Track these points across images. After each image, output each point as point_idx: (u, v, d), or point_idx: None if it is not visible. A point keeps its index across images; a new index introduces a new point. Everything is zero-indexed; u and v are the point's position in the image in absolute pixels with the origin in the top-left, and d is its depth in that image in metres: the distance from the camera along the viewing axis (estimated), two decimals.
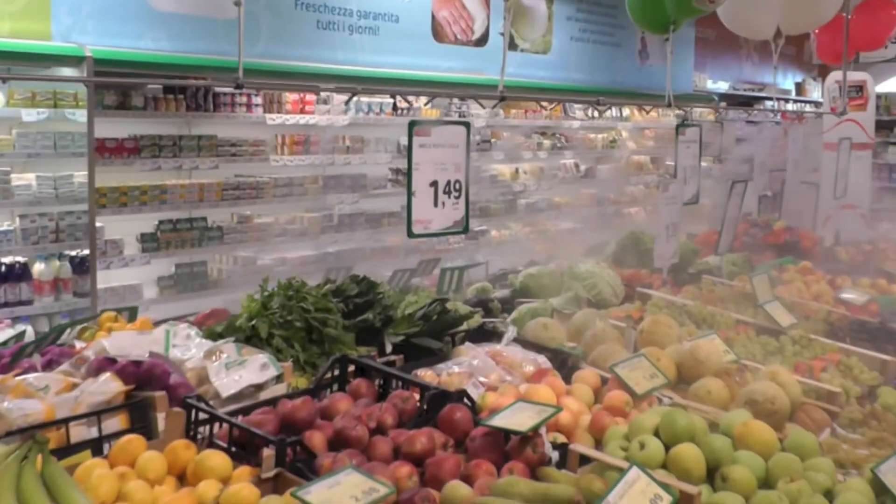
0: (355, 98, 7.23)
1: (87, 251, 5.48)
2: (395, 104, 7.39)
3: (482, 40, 8.27)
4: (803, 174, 6.58)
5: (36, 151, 5.32)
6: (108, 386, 2.21)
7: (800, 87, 15.27)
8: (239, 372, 2.38)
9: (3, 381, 2.28)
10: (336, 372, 2.53)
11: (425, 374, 2.59)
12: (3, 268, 5.20)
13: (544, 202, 9.17)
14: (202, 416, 2.15)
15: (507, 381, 2.59)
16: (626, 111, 10.50)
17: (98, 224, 5.58)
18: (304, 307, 2.68)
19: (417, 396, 2.38)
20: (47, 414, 2.10)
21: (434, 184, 2.79)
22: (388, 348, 2.79)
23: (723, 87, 12.75)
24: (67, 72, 5.28)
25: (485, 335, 3.06)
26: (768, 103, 11.34)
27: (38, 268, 5.41)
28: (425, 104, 7.40)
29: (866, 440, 2.63)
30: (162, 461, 1.99)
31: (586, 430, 2.37)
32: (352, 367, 2.56)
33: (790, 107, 13.72)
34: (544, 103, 7.64)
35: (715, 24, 12.31)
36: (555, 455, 2.17)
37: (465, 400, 2.38)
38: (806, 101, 14.71)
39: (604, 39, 9.84)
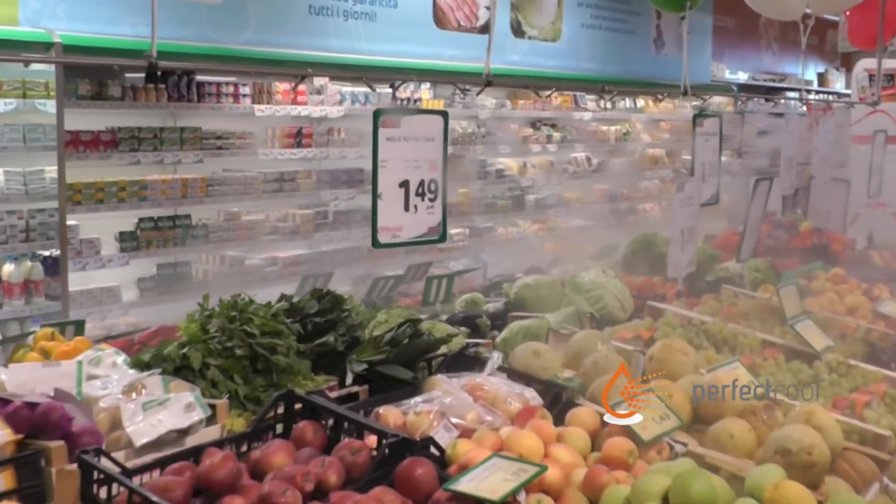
0: (351, 88, 6.86)
1: (59, 251, 5.16)
2: (394, 94, 6.98)
3: (487, 27, 7.81)
4: (831, 169, 6.08)
5: (3, 145, 5.00)
6: None
7: (822, 78, 14.83)
8: (158, 414, 1.97)
9: None
10: (281, 410, 2.11)
11: (389, 413, 2.16)
12: None
13: (553, 198, 8.76)
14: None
15: (487, 422, 2.16)
16: (640, 102, 10.05)
17: (73, 222, 5.29)
18: (249, 330, 2.26)
19: (375, 443, 1.96)
20: None
21: (404, 184, 2.36)
22: (349, 379, 2.37)
23: (742, 77, 12.33)
24: None
25: (467, 361, 2.62)
26: (795, 93, 10.81)
27: (6, 269, 5.11)
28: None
29: None
30: None
31: (579, 490, 1.94)
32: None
33: (812, 97, 13.20)
34: (547, 92, 7.17)
35: (733, 13, 11.89)
36: None
37: (433, 449, 1.96)
38: (829, 92, 14.22)
39: (617, 27, 9.36)
